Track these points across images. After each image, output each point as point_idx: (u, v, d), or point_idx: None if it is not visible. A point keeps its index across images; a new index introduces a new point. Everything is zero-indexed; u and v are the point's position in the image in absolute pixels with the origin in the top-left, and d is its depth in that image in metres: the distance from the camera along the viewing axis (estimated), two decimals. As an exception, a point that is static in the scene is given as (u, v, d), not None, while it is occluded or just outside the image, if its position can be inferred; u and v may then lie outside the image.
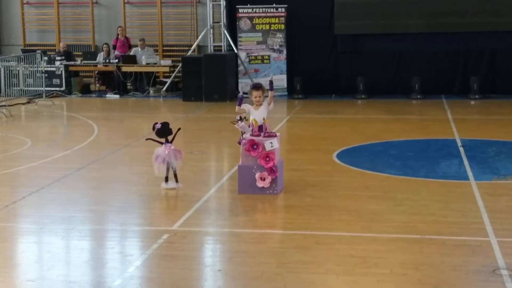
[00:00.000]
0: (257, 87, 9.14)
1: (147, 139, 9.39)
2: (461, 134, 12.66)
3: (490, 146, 11.55)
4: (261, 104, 9.03)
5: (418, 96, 18.02)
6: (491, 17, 17.78)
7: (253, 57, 19.07)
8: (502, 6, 17.72)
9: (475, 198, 8.45)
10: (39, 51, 18.92)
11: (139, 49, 19.45)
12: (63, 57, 19.59)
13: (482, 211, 7.89)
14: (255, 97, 9.03)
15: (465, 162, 10.41)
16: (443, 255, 6.54)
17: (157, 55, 20.04)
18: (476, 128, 13.69)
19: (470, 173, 9.68)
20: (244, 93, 9.32)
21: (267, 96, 9.19)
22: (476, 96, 17.63)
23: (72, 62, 19.78)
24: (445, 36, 18.23)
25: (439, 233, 7.18)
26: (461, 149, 11.32)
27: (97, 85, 20.48)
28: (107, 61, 19.55)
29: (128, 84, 19.57)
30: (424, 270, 6.19)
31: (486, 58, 18.30)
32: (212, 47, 19.60)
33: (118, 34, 19.89)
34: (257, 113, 8.98)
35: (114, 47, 19.91)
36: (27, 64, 18.84)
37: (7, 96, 17.90)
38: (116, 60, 19.38)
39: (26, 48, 20.64)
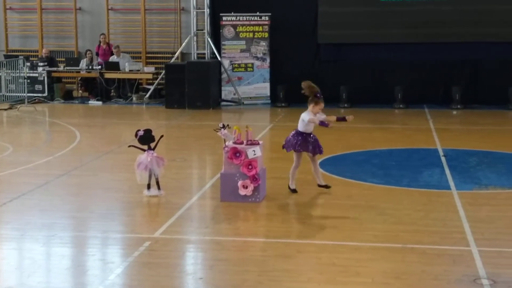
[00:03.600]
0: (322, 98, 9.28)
1: (129, 146, 9.36)
2: (443, 144, 12.74)
3: (472, 156, 11.62)
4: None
5: (401, 106, 18.13)
6: (473, 28, 17.95)
7: (236, 65, 19.09)
8: (484, 16, 17.88)
9: (457, 207, 8.49)
10: (22, 57, 18.83)
11: (115, 57, 19.40)
12: (46, 63, 19.50)
13: (464, 221, 7.93)
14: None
15: (447, 171, 10.47)
16: (425, 264, 6.56)
17: (137, 61, 19.97)
18: (458, 138, 13.77)
19: (451, 183, 9.73)
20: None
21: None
22: (458, 106, 17.76)
23: (54, 68, 19.70)
24: (428, 46, 18.37)
25: (421, 242, 7.21)
26: (443, 159, 11.39)
27: (80, 91, 20.40)
28: (90, 67, 19.49)
29: (111, 90, 19.51)
30: (406, 280, 6.20)
31: (468, 68, 18.46)
32: (195, 54, 19.61)
33: (100, 42, 19.84)
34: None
35: (97, 54, 19.86)
36: (9, 69, 18.74)
37: (-11, 101, 17.79)
38: (99, 67, 19.32)
39: (9, 53, 20.54)
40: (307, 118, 9.01)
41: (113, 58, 19.42)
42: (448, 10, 18.05)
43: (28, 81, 18.72)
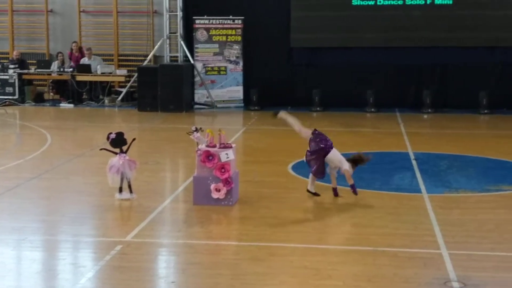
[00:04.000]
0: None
1: (101, 149, 9.29)
2: (414, 148, 12.85)
3: (442, 160, 11.74)
4: None
5: (372, 109, 18.26)
6: (444, 33, 18.16)
7: (209, 68, 19.09)
8: (454, 22, 18.09)
9: (427, 211, 8.57)
10: (-8, 59, 18.64)
11: (86, 59, 19.29)
12: (17, 65, 19.32)
13: (434, 224, 8.00)
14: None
15: (418, 175, 10.56)
16: (396, 267, 6.61)
17: (109, 64, 19.86)
18: (429, 141, 13.90)
19: (422, 186, 9.82)
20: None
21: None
22: (429, 110, 17.93)
23: (25, 71, 19.52)
24: (399, 50, 18.55)
25: (392, 245, 7.26)
26: (414, 162, 11.48)
27: (51, 94, 20.23)
28: (62, 70, 19.34)
29: (82, 93, 19.38)
30: (377, 282, 6.24)
31: (438, 72, 18.67)
32: (168, 57, 19.57)
33: (72, 49, 19.70)
34: None
35: (70, 59, 19.74)
36: (-21, 71, 18.53)
37: (-42, 103, 17.57)
38: (71, 69, 19.19)
39: (-21, 55, 20.33)
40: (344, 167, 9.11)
41: (84, 61, 19.30)
42: (419, 15, 18.24)
43: (-1, 83, 18.55)
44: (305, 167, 11.19)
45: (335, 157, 9.12)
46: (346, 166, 9.07)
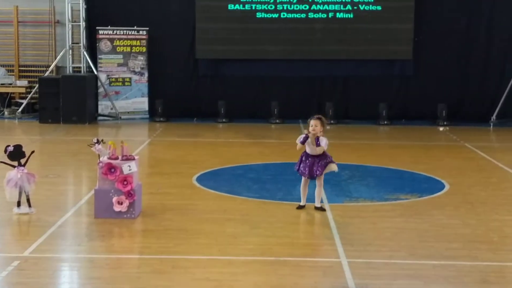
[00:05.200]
0: (315, 117, 9.10)
1: (-2, 162, 9.03)
2: (317, 158, 13.04)
3: (343, 170, 11.96)
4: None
5: (277, 121, 18.50)
6: (345, 46, 18.63)
7: (113, 79, 18.86)
8: (354, 35, 18.58)
9: (328, 220, 8.74)
10: None
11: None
12: None
13: (334, 233, 8.16)
14: (311, 126, 8.99)
15: (320, 185, 10.73)
16: (296, 277, 6.71)
17: (10, 75, 19.33)
18: (331, 152, 13.95)
19: (323, 196, 9.98)
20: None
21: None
22: (331, 121, 18.29)
23: None
24: (303, 62, 18.90)
25: (293, 254, 7.36)
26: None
27: None
28: (-42, 80, 18.68)
29: (-19, 104, 18.78)
30: (278, 292, 6.32)
31: (340, 84, 19.13)
32: (71, 68, 19.22)
33: None
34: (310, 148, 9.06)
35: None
36: None
37: None
38: (-32, 80, 18.57)
39: None
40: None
41: (-17, 71, 18.74)
42: (321, 28, 18.65)
43: None
44: (209, 179, 11.23)
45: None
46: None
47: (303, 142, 9.07)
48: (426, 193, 10.36)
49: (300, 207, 9.21)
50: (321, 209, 9.14)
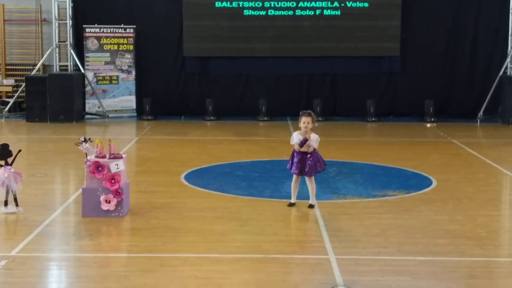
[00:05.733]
0: (306, 113, 9.06)
1: (-15, 162, 8.98)
2: (305, 155, 13.06)
3: (331, 167, 11.98)
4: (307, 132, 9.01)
5: (265, 118, 18.50)
6: (332, 43, 18.65)
7: (101, 78, 18.81)
8: (341, 32, 18.61)
9: (316, 217, 8.75)
10: None
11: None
12: None
13: (323, 230, 8.17)
14: (303, 123, 8.99)
15: (308, 182, 10.75)
16: (285, 274, 6.72)
17: (-2, 74, 19.28)
18: (319, 149, 14.12)
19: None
20: None
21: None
22: (319, 118, 18.28)
23: None
24: (290, 60, 18.91)
25: (282, 252, 7.37)
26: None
27: None
28: None
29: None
30: (266, 289, 6.33)
31: (327, 82, 19.15)
32: (58, 66, 19.15)
33: None
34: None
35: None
36: None
37: None
38: (-46, 79, 18.47)
39: None
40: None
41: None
42: (308, 25, 18.66)
43: None
44: (197, 176, 11.22)
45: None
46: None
47: (301, 146, 9.10)
48: (414, 190, 10.39)
49: (291, 205, 9.22)
50: (310, 206, 9.16)
